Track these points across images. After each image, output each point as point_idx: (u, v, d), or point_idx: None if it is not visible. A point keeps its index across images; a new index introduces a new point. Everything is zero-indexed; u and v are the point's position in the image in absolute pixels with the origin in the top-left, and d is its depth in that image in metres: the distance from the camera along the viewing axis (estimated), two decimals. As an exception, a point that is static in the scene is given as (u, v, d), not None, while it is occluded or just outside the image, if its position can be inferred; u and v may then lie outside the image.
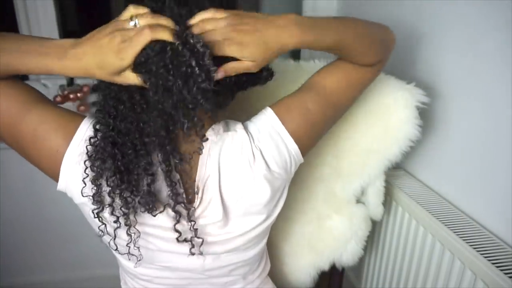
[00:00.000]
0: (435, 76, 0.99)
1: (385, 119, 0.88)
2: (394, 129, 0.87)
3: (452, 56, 0.93)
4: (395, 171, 1.12)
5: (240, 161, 0.61)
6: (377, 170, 0.92)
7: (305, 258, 1.04)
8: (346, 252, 1.01)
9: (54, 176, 0.60)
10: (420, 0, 1.03)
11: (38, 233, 1.65)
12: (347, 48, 0.63)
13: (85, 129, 0.59)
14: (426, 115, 0.92)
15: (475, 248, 0.78)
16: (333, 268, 1.06)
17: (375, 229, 1.18)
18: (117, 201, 0.57)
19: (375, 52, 0.67)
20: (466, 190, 0.92)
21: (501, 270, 0.72)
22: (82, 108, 1.35)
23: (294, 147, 0.65)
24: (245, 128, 0.65)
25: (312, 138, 0.69)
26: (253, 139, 0.63)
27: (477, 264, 0.76)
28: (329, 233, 1.01)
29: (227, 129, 0.64)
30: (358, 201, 1.00)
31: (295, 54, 1.69)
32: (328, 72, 0.69)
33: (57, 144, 0.58)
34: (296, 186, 0.99)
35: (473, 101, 0.88)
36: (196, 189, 0.61)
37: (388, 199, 1.06)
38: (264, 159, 0.62)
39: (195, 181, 0.62)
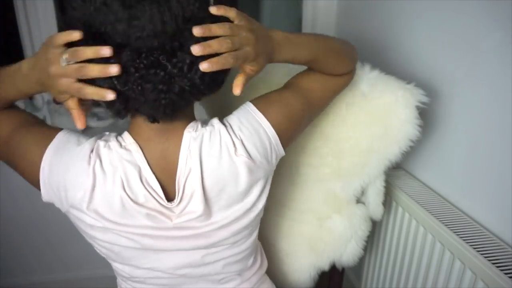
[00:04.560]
0: (435, 76, 0.99)
1: (385, 119, 0.88)
2: (394, 129, 0.87)
3: (452, 56, 0.93)
4: (395, 171, 1.12)
5: (220, 153, 0.62)
6: (377, 170, 0.92)
7: (305, 258, 1.04)
8: (346, 252, 1.01)
9: (39, 188, 0.63)
10: (420, 0, 1.03)
11: (38, 233, 1.65)
12: (319, 62, 0.71)
13: (59, 139, 0.62)
14: (426, 115, 0.92)
15: (475, 248, 0.78)
16: (333, 268, 1.06)
17: (375, 229, 1.18)
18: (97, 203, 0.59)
19: (344, 65, 0.76)
20: (466, 190, 0.92)
21: (501, 270, 0.72)
22: (84, 106, 1.34)
23: (274, 137, 0.67)
24: (222, 120, 0.66)
25: (291, 131, 0.71)
26: (232, 129, 0.64)
27: (477, 264, 0.76)
28: (329, 233, 1.00)
29: (204, 125, 0.65)
30: (358, 201, 1.00)
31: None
32: (306, 76, 0.76)
33: (35, 156, 0.61)
34: (296, 186, 0.99)
35: (473, 101, 0.88)
36: (177, 186, 0.62)
37: (388, 199, 1.06)
38: (245, 147, 0.63)
39: (175, 178, 0.62)
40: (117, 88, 0.52)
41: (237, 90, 0.59)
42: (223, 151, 0.62)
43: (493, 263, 0.74)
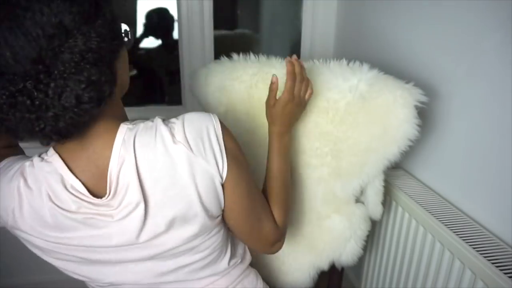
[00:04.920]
0: (434, 76, 0.99)
1: (384, 119, 0.88)
2: (393, 129, 0.87)
3: (451, 56, 0.93)
4: (395, 171, 1.12)
5: (154, 141, 0.59)
6: (376, 169, 0.92)
7: (305, 257, 1.04)
8: (346, 251, 1.01)
9: None
10: (419, 0, 1.03)
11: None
12: (281, 180, 0.82)
13: (3, 164, 0.63)
14: (425, 115, 0.92)
15: (474, 248, 0.78)
16: (332, 267, 1.06)
17: (375, 228, 1.18)
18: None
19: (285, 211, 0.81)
20: (466, 190, 0.92)
21: (501, 270, 0.72)
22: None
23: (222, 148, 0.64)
24: (162, 118, 0.64)
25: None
26: (169, 121, 0.63)
27: (477, 264, 0.76)
28: (329, 232, 1.00)
29: (143, 121, 0.64)
30: (358, 200, 1.00)
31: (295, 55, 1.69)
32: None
33: None
34: (296, 186, 0.99)
35: (473, 101, 0.87)
36: (108, 179, 0.59)
37: (387, 199, 1.06)
38: (185, 136, 0.60)
39: (105, 173, 0.59)
40: None
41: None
42: (157, 140, 0.59)
43: (493, 263, 0.74)
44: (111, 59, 0.57)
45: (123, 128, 0.60)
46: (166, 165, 0.59)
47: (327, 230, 1.00)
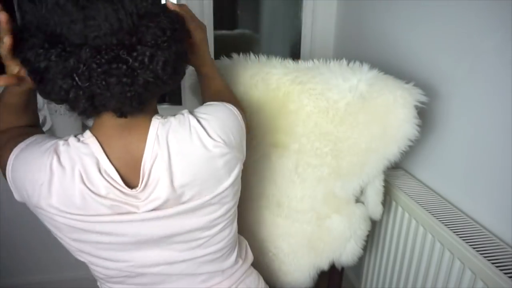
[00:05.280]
0: (434, 76, 0.99)
1: (384, 119, 0.88)
2: (393, 129, 0.87)
3: (451, 56, 0.93)
4: (395, 171, 1.12)
5: (190, 137, 0.63)
6: (376, 169, 0.92)
7: (305, 257, 1.04)
8: (346, 251, 1.01)
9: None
10: (419, 0, 1.03)
11: (38, 233, 1.65)
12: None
13: (30, 141, 0.63)
14: (425, 115, 0.92)
15: (475, 248, 0.78)
16: (332, 267, 1.06)
17: (375, 228, 1.18)
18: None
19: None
20: (466, 189, 0.92)
21: (501, 270, 0.72)
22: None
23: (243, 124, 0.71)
24: (190, 111, 0.67)
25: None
26: (201, 117, 0.65)
27: (477, 264, 0.76)
28: (329, 232, 1.00)
29: (173, 116, 0.66)
30: (358, 200, 1.00)
31: (295, 55, 1.69)
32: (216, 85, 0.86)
33: (5, 157, 0.62)
34: (296, 186, 0.99)
35: (473, 101, 0.87)
36: (141, 172, 0.62)
37: (387, 199, 1.06)
38: (217, 133, 0.64)
39: (140, 165, 0.62)
40: (79, 84, 0.53)
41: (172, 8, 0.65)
42: (193, 136, 0.63)
43: (493, 263, 0.74)
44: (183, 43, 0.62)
45: (156, 122, 0.63)
46: (202, 159, 0.63)
47: (327, 230, 1.00)
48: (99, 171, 0.59)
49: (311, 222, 1.01)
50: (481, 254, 0.76)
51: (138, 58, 0.54)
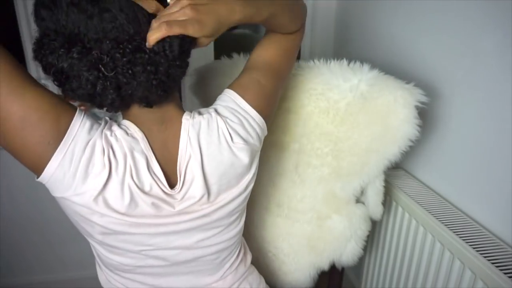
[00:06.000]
0: (434, 76, 0.99)
1: (385, 119, 0.88)
2: (393, 129, 0.87)
3: (452, 56, 0.93)
4: (395, 171, 1.12)
5: (219, 140, 0.65)
6: (377, 169, 0.92)
7: (305, 258, 1.04)
8: (346, 251, 1.01)
9: (37, 166, 0.57)
10: (419, 0, 1.03)
11: (38, 233, 1.65)
12: (277, 19, 0.71)
13: (78, 126, 0.58)
14: (425, 115, 0.92)
15: (475, 248, 0.78)
16: (332, 267, 1.06)
17: (375, 229, 1.18)
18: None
19: (298, 19, 0.78)
20: (466, 190, 0.92)
21: (501, 270, 0.72)
22: (82, 107, 1.35)
23: (260, 119, 0.71)
24: (217, 111, 0.68)
25: (270, 107, 0.75)
26: (226, 118, 0.67)
27: (477, 264, 0.76)
28: (329, 233, 1.01)
29: (200, 114, 0.67)
30: (358, 201, 1.00)
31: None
32: (265, 49, 0.77)
33: (49, 136, 0.55)
34: (296, 186, 0.99)
35: (473, 101, 0.87)
36: (178, 173, 0.64)
37: (388, 199, 1.06)
38: (239, 135, 0.67)
39: (175, 166, 0.64)
40: (106, 74, 0.54)
41: (151, 40, 0.56)
42: (221, 138, 0.65)
43: (493, 263, 0.74)
44: None
45: (186, 123, 0.65)
46: (230, 160, 0.66)
47: (328, 230, 1.00)
48: (148, 168, 0.61)
49: (311, 222, 1.01)
50: (481, 254, 0.77)
51: (158, 44, 0.55)
